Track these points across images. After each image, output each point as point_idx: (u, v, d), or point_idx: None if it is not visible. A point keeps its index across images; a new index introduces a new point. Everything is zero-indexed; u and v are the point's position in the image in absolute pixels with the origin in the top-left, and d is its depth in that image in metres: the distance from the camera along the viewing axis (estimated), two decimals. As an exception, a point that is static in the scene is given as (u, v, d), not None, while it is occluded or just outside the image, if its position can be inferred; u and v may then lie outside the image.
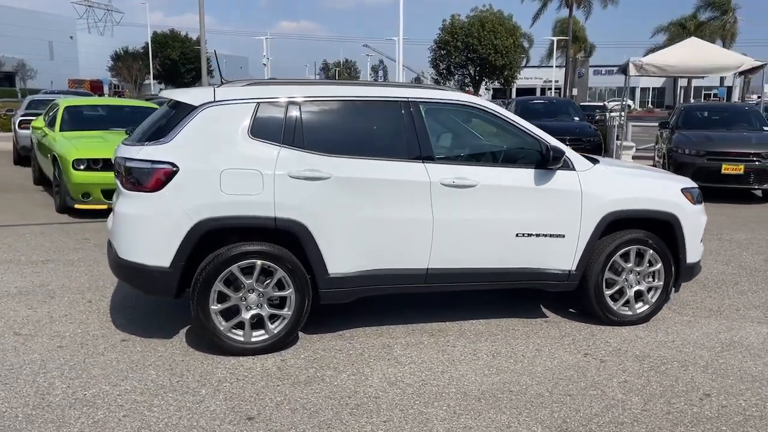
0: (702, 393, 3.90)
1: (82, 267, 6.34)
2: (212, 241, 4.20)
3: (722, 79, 37.44)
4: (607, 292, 4.97)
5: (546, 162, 4.66)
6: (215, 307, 4.21)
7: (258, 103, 4.29)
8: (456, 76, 49.22)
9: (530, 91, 63.18)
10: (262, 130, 4.26)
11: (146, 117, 4.92)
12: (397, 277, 4.53)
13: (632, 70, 15.95)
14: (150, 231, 4.12)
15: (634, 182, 5.02)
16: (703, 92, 61.47)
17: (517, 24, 48.79)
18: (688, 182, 5.32)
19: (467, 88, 48.76)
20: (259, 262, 4.21)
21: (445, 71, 49.03)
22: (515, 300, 5.45)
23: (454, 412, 3.60)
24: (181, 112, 4.24)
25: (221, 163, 4.15)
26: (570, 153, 4.78)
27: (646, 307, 5.09)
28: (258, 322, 4.31)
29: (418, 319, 5.03)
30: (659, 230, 5.03)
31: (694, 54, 15.96)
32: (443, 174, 4.49)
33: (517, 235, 4.68)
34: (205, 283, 4.14)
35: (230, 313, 4.27)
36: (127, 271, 4.27)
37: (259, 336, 4.32)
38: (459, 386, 3.92)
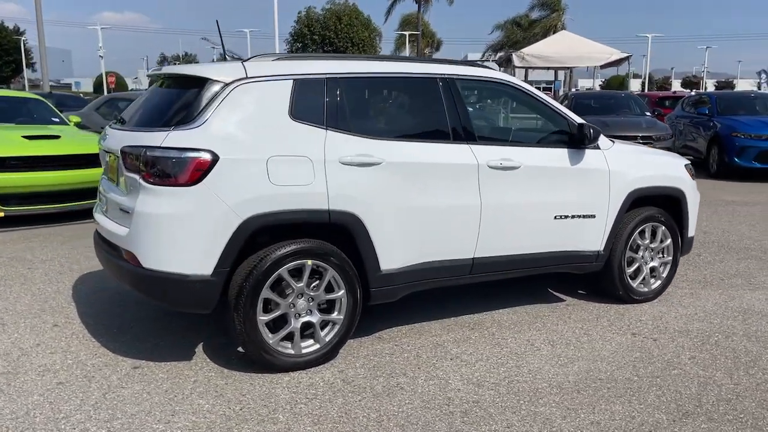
0: (767, 360, 3.97)
1: (15, 286, 5.29)
2: (256, 242, 3.60)
3: (556, 72, 40.53)
4: (628, 271, 4.97)
5: (581, 141, 4.53)
6: (263, 317, 3.62)
7: (295, 80, 3.73)
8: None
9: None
10: (303, 110, 3.72)
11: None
12: (443, 270, 4.18)
13: (516, 62, 16.59)
14: (187, 233, 3.43)
15: (649, 160, 5.05)
16: (543, 86, 66.02)
17: (370, 17, 49.29)
18: (685, 159, 5.46)
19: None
20: (309, 261, 3.67)
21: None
22: (521, 287, 5.28)
23: (568, 408, 3.35)
24: (206, 91, 3.57)
25: (267, 150, 3.56)
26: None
27: (659, 282, 5.16)
28: (305, 331, 3.77)
29: (442, 313, 4.71)
30: (668, 206, 5.10)
31: (568, 45, 16.92)
32: (489, 156, 4.20)
33: (555, 217, 4.52)
34: (254, 289, 3.54)
35: (276, 323, 3.69)
36: (154, 284, 3.52)
37: (309, 347, 3.78)
38: (547, 380, 3.67)
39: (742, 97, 15.44)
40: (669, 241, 5.11)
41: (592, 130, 4.48)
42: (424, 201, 3.98)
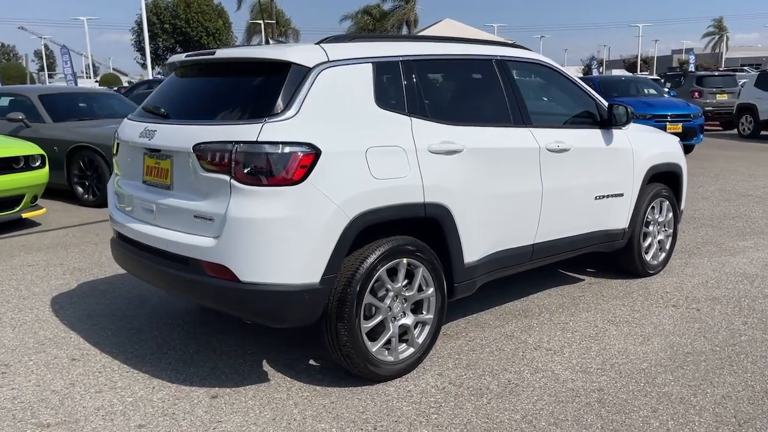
0: (806, 319, 4.28)
1: (-22, 317, 4.43)
2: (358, 241, 3.26)
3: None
4: (644, 245, 5.14)
5: (612, 122, 4.59)
6: (366, 324, 3.29)
7: (374, 63, 3.41)
8: (166, 60, 45.98)
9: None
10: (385, 96, 3.42)
11: None
12: (510, 258, 4.06)
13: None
14: (293, 238, 3.01)
15: (657, 137, 5.24)
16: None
17: (222, 5, 47.41)
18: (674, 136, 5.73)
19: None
20: (404, 260, 3.39)
21: (153, 55, 45.36)
22: (533, 270, 5.28)
23: (688, 384, 3.37)
24: (288, 76, 3.14)
25: (363, 141, 3.22)
26: (618, 111, 4.78)
27: (664, 255, 5.39)
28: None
29: (481, 304, 4.57)
30: (669, 181, 5.34)
31: (456, 34, 17.30)
32: (546, 139, 4.13)
33: (595, 197, 4.55)
34: (358, 295, 3.20)
35: (373, 330, 3.38)
36: (255, 300, 3.05)
37: (404, 351, 3.50)
38: (643, 359, 3.68)
39: (618, 80, 16.57)
40: (671, 214, 5.35)
41: (627, 111, 4.55)
42: (499, 188, 3.83)
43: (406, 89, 3.49)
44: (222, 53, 3.46)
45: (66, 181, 8.70)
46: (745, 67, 52.65)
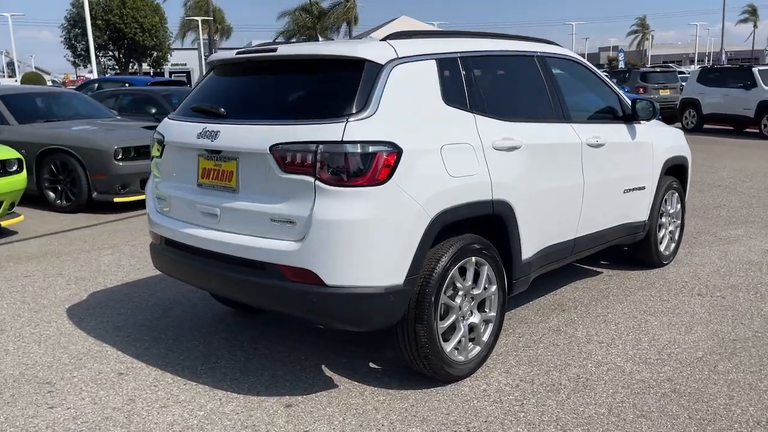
0: (825, 303, 4.49)
1: (6, 335, 4.15)
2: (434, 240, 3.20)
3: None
4: (659, 236, 5.28)
5: (635, 116, 4.69)
6: (442, 324, 3.25)
7: (437, 59, 3.37)
8: (99, 58, 44.19)
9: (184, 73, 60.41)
10: (450, 93, 3.38)
11: None
12: (556, 253, 4.09)
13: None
14: (380, 239, 2.94)
15: (668, 131, 5.38)
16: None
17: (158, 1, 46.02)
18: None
19: (112, 71, 44.43)
20: (473, 258, 3.36)
21: (84, 53, 43.56)
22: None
23: (751, 371, 3.47)
24: (362, 73, 3.06)
25: (437, 138, 3.18)
26: (639, 106, 4.88)
27: (674, 245, 5.56)
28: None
29: (512, 300, 4.58)
30: (677, 174, 5.50)
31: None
32: (585, 134, 4.19)
33: (624, 191, 4.64)
34: (435, 295, 3.15)
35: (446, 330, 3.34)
36: (340, 304, 2.95)
37: (472, 350, 3.47)
38: (695, 348, 3.77)
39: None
40: (679, 206, 5.52)
41: (653, 106, 4.66)
42: (551, 183, 3.86)
43: (467, 86, 3.46)
44: (285, 50, 3.33)
45: (36, 187, 8.24)
46: (670, 64, 55.03)
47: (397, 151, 2.94)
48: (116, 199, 7.99)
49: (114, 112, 10.23)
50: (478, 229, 3.43)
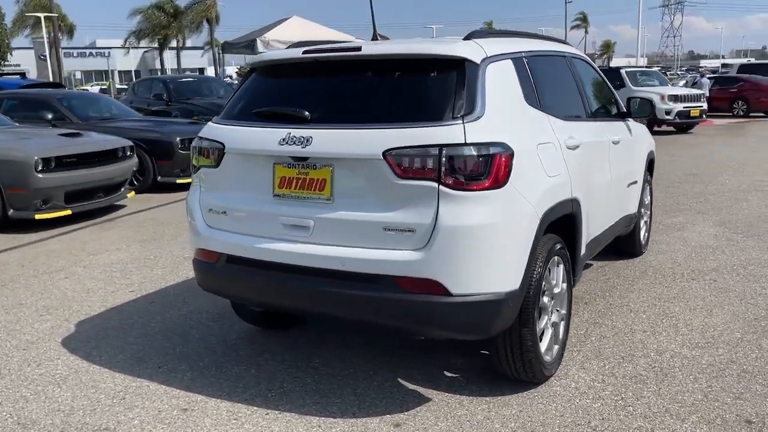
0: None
1: (9, 379, 3.56)
2: None
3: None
4: (640, 226, 5.61)
5: (629, 114, 4.92)
6: (539, 326, 3.23)
7: (512, 59, 3.33)
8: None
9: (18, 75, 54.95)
10: (526, 92, 3.35)
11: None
12: (595, 247, 4.21)
13: (261, 47, 16.26)
14: (502, 243, 2.86)
15: (645, 129, 5.70)
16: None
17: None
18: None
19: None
20: (555, 258, 3.37)
21: None
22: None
23: (790, 345, 3.77)
24: (461, 73, 2.95)
25: (534, 137, 3.16)
26: (626, 104, 5.14)
27: (647, 234, 5.92)
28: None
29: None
30: (649, 168, 5.85)
31: (307, 32, 17.16)
32: (607, 132, 4.34)
33: (627, 185, 4.86)
34: (537, 297, 3.13)
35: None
36: (466, 313, 2.81)
37: (554, 349, 3.47)
38: (737, 330, 3.99)
39: None
40: (650, 197, 5.89)
41: (650, 103, 4.92)
42: (597, 180, 3.99)
43: (535, 85, 3.45)
44: (372, 49, 3.14)
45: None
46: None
47: (510, 152, 2.88)
48: (38, 216, 7.16)
49: (7, 118, 9.15)
50: (555, 229, 3.44)
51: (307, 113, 3.03)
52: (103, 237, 6.93)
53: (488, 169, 2.78)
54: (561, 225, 3.45)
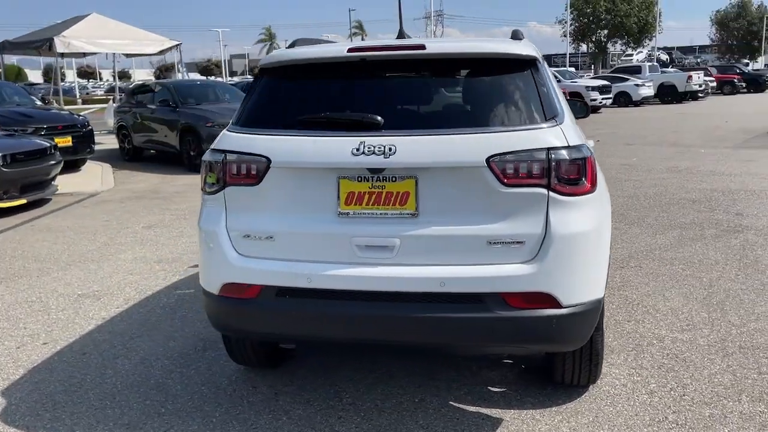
0: None
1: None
2: None
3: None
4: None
5: None
6: (597, 329, 3.21)
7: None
8: None
9: None
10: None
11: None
12: None
13: (60, 47, 14.50)
14: (601, 248, 2.78)
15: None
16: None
17: None
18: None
19: None
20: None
21: None
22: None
23: None
24: (534, 74, 2.81)
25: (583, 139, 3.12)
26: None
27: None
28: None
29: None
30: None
31: (112, 30, 15.65)
32: None
33: None
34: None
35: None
36: (575, 324, 2.66)
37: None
38: (749, 308, 4.30)
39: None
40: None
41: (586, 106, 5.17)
42: None
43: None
44: (439, 47, 2.83)
45: None
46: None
47: (592, 155, 2.81)
48: None
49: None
50: None
51: (379, 118, 2.66)
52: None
53: (584, 172, 2.67)
54: None
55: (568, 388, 3.28)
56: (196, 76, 54.45)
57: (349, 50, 2.85)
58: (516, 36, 3.19)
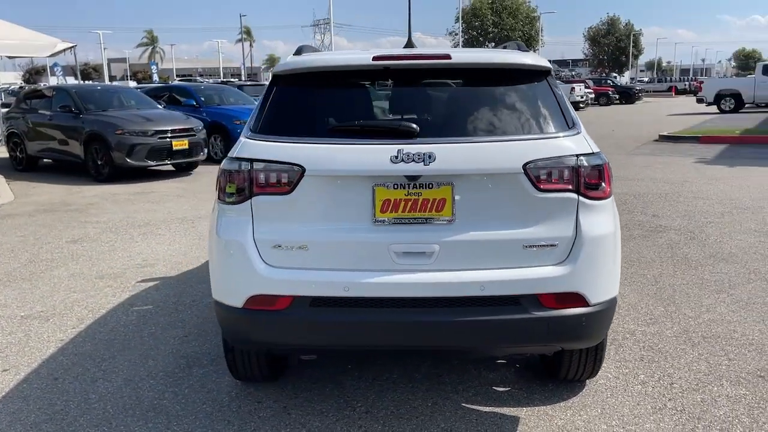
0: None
1: None
2: None
3: None
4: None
5: None
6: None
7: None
8: None
9: None
10: None
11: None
12: None
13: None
14: (619, 249, 2.94)
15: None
16: None
17: None
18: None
19: None
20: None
21: None
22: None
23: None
24: (548, 83, 2.95)
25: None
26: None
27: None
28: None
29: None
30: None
31: (9, 32, 14.46)
32: None
33: None
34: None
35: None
36: (600, 320, 2.80)
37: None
38: (750, 292, 4.73)
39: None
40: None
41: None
42: None
43: None
44: (463, 57, 2.88)
45: None
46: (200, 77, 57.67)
47: (608, 161, 2.97)
48: None
49: None
50: None
51: (416, 126, 2.69)
52: None
53: (604, 177, 2.83)
54: None
55: (568, 383, 3.43)
56: (72, 80, 51.34)
57: (374, 58, 2.85)
58: (522, 48, 3.32)
